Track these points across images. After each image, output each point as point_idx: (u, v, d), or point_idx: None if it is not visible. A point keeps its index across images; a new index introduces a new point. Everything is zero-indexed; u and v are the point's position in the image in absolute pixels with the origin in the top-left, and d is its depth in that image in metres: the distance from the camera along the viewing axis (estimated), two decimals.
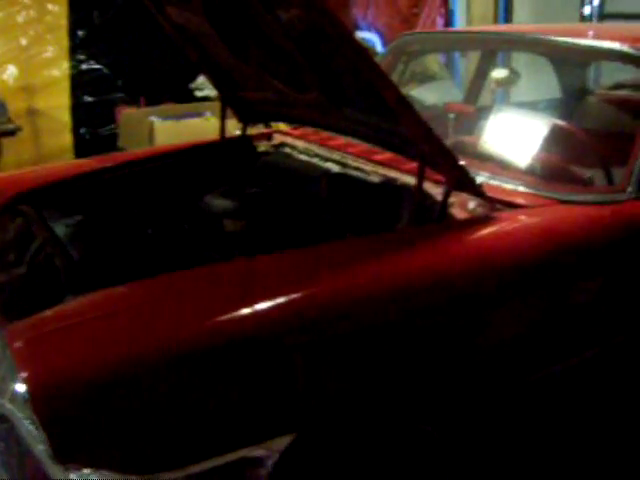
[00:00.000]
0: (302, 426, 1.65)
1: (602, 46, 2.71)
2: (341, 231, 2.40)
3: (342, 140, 2.80)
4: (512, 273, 1.97)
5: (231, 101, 2.99)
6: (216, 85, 3.00)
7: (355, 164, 2.63)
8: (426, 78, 5.89)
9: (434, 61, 6.20)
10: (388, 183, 2.46)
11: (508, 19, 7.77)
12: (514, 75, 3.29)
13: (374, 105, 2.08)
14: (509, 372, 2.02)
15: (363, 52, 1.85)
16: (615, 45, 2.64)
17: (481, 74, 3.51)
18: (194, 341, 1.57)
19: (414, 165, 2.17)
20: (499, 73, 3.23)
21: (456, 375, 1.88)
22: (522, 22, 7.67)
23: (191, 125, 5.10)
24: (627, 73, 3.37)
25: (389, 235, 2.16)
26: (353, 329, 1.71)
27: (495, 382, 2.00)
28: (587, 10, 6.85)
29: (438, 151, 2.02)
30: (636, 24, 6.40)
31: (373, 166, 2.57)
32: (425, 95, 5.56)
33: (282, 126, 3.39)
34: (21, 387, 1.47)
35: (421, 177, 2.10)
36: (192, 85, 6.28)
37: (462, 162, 2.14)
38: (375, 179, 2.51)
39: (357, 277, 1.80)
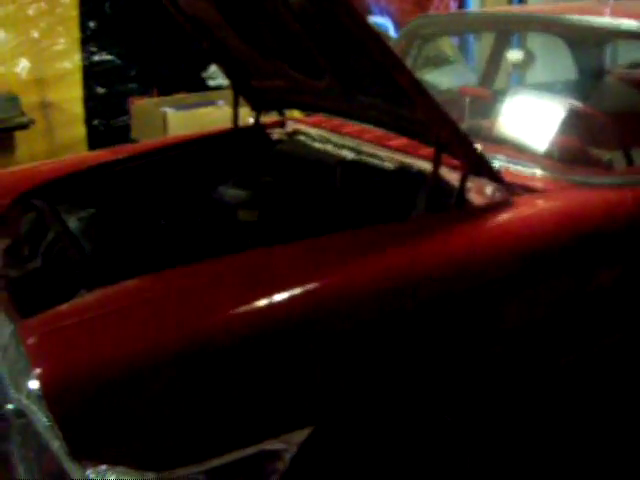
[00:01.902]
0: (320, 419, 1.63)
1: (619, 25, 2.65)
2: (356, 220, 2.38)
3: (356, 127, 2.76)
4: (531, 258, 1.94)
5: (244, 89, 2.96)
6: (228, 74, 2.97)
7: (370, 151, 2.59)
8: (440, 62, 5.82)
9: (448, 44, 6.11)
10: (404, 170, 2.42)
11: (522, 0, 7.67)
12: (529, 57, 3.24)
13: (388, 90, 2.05)
14: (532, 358, 2.00)
15: (376, 36, 1.81)
16: (633, 23, 2.59)
17: (496, 56, 3.46)
18: (210, 334, 1.55)
19: (430, 151, 2.13)
20: (514, 55, 3.18)
21: (476, 363, 1.85)
22: (536, 3, 7.58)
23: (204, 114, 5.06)
24: None
25: (406, 223, 2.13)
26: (371, 319, 1.69)
27: (518, 368, 1.98)
28: None
29: (454, 136, 1.98)
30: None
31: (388, 152, 2.53)
32: (439, 79, 5.50)
33: (296, 113, 3.35)
34: (35, 384, 1.45)
35: (437, 163, 2.06)
36: (204, 74, 6.26)
37: (479, 146, 2.10)
38: (390, 166, 2.48)
39: (374, 266, 1.77)
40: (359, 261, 1.78)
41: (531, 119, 2.57)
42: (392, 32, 7.39)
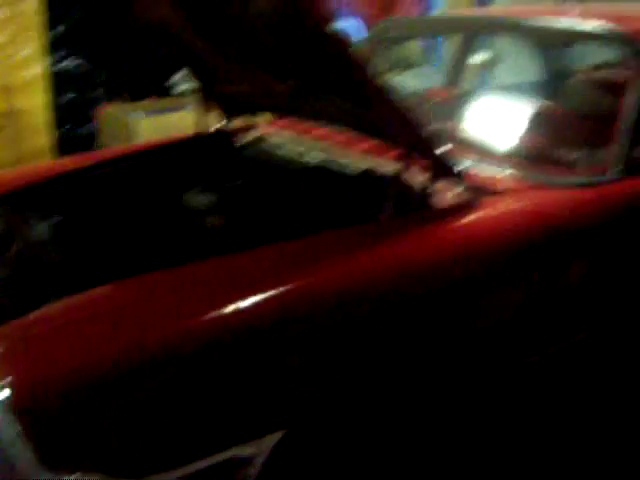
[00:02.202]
0: (292, 422, 1.63)
1: (580, 27, 2.68)
2: (323, 223, 2.39)
3: (325, 129, 2.77)
4: (497, 259, 1.96)
5: (212, 94, 2.96)
6: (197, 78, 2.97)
7: (338, 153, 2.60)
8: (408, 64, 5.87)
9: (415, 47, 6.18)
10: (371, 172, 2.44)
11: (489, 3, 7.74)
12: (494, 58, 3.28)
13: (352, 94, 2.06)
14: (502, 357, 2.02)
15: (338, 41, 1.82)
16: (596, 25, 2.62)
17: (462, 58, 3.49)
18: (180, 340, 1.55)
19: (398, 153, 2.15)
20: (479, 57, 3.22)
21: (444, 364, 1.87)
22: (502, 3, 7.66)
23: (173, 120, 5.03)
24: (609, 53, 3.35)
25: (371, 226, 2.13)
26: (338, 322, 1.70)
27: (486, 368, 1.99)
28: None
29: (418, 138, 2.00)
30: (618, 4, 6.39)
31: (357, 155, 2.55)
32: (408, 81, 5.55)
33: (265, 117, 3.35)
34: (5, 392, 1.44)
35: (402, 165, 2.08)
36: (173, 79, 6.23)
37: (444, 148, 2.12)
38: (358, 168, 2.49)
39: (339, 270, 1.78)
40: (325, 265, 1.79)
41: (497, 120, 2.61)
42: (362, 34, 7.42)
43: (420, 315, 1.82)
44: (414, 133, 2.00)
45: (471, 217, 2.03)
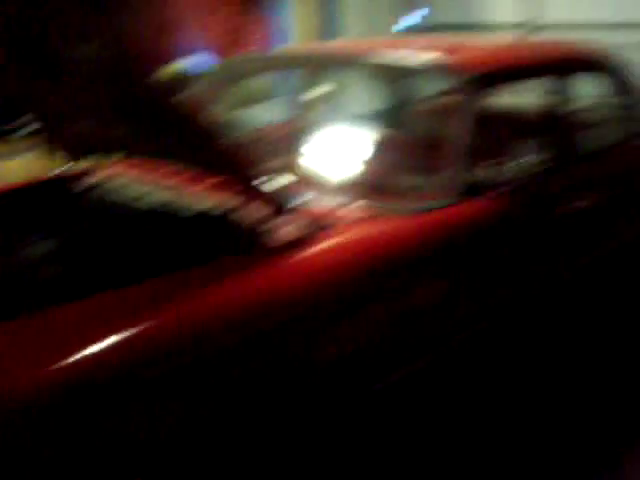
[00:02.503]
0: (144, 471, 1.60)
1: (409, 62, 2.79)
2: (163, 266, 2.36)
3: (166, 169, 2.74)
4: (336, 291, 1.99)
5: (55, 136, 2.86)
6: (38, 120, 2.86)
7: (181, 192, 2.57)
8: (258, 98, 5.93)
9: (265, 81, 6.25)
10: (210, 211, 2.43)
11: (336, 33, 7.96)
12: (334, 91, 3.36)
13: (187, 134, 2.06)
14: (349, 386, 2.05)
15: (164, 87, 1.81)
16: (423, 59, 2.74)
17: (304, 92, 3.55)
18: (22, 393, 1.49)
19: (235, 190, 2.15)
20: (320, 90, 3.29)
21: (287, 400, 1.88)
22: (350, 35, 7.90)
23: (14, 165, 4.84)
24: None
25: (211, 266, 2.11)
26: (176, 366, 1.68)
27: (337, 395, 2.02)
28: (411, 22, 7.13)
29: (250, 176, 2.02)
30: (457, 33, 6.74)
31: (199, 193, 2.53)
32: (258, 115, 5.59)
33: (109, 159, 3.28)
34: None
35: (239, 203, 2.09)
36: (15, 121, 6.00)
37: (282, 183, 2.14)
38: (199, 207, 2.47)
39: (181, 313, 1.76)
40: (166, 309, 1.76)
41: (338, 152, 2.67)
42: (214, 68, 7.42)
43: (262, 352, 1.82)
44: (248, 170, 2.01)
45: (309, 251, 2.04)
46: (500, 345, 2.70)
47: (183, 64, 7.20)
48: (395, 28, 7.08)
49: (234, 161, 1.96)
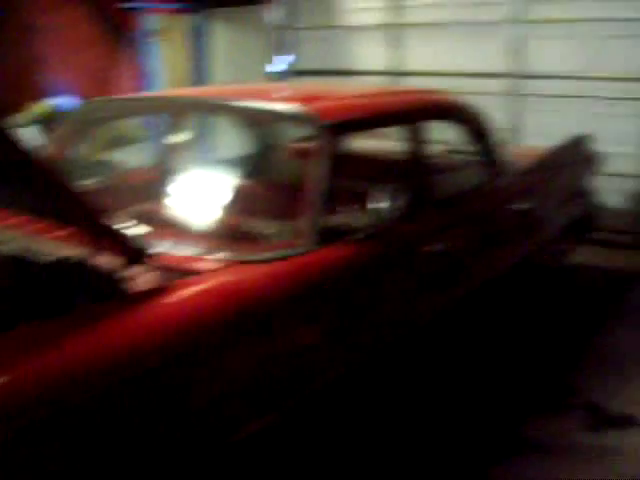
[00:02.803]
0: None
1: (268, 108, 2.81)
2: (17, 318, 2.25)
3: (19, 218, 2.63)
4: (191, 341, 1.94)
5: None
6: None
7: (31, 243, 2.47)
8: (127, 142, 5.84)
9: (133, 125, 6.16)
10: (65, 261, 2.34)
11: (205, 78, 7.97)
12: (193, 138, 3.34)
13: (34, 187, 1.98)
14: (211, 435, 2.03)
15: (8, 139, 1.73)
16: (281, 106, 2.76)
17: (166, 137, 3.52)
18: None
19: (87, 241, 2.08)
20: (178, 137, 3.26)
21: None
22: (219, 80, 7.93)
23: None
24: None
25: (65, 318, 2.04)
26: (42, 418, 1.61)
27: (197, 448, 1.97)
28: (278, 68, 7.22)
29: (102, 226, 1.95)
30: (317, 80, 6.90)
31: (51, 244, 2.44)
32: (125, 158, 5.50)
33: None
34: None
35: (88, 253, 2.02)
36: None
37: (137, 232, 2.09)
38: (52, 258, 2.38)
39: (36, 366, 1.68)
40: (20, 362, 1.67)
41: (196, 200, 2.64)
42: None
43: (118, 405, 1.76)
44: (101, 221, 1.95)
45: (163, 302, 1.99)
46: (363, 388, 2.72)
47: (51, 102, 7.02)
48: (265, 73, 7.16)
49: (87, 210, 1.89)
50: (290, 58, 7.13)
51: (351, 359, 2.53)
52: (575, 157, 4.45)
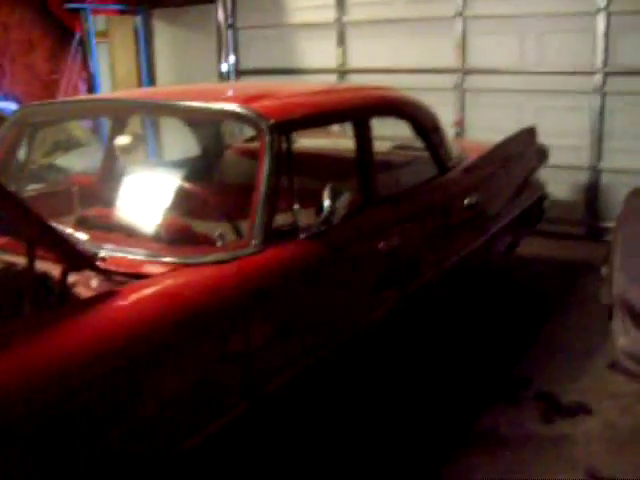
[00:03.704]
0: None
1: (210, 108, 2.78)
2: None
3: None
4: (140, 346, 1.91)
5: None
6: None
7: None
8: (71, 145, 5.74)
9: (77, 128, 6.05)
10: (9, 269, 2.28)
11: (152, 79, 7.89)
12: (138, 140, 3.29)
13: None
14: (168, 436, 2.02)
15: None
16: (222, 105, 2.74)
17: (111, 141, 3.46)
18: None
19: (27, 248, 2.03)
20: (122, 140, 3.21)
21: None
22: (166, 81, 7.85)
23: None
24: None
25: (12, 325, 1.99)
26: None
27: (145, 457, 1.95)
28: (224, 67, 7.18)
29: (44, 232, 1.91)
30: (263, 80, 6.88)
31: None
32: (71, 162, 5.41)
33: None
34: None
35: (31, 260, 1.97)
36: None
37: (79, 237, 2.05)
38: None
39: None
40: None
41: (139, 203, 2.59)
42: None
43: (75, 411, 1.74)
44: (41, 227, 1.90)
45: (108, 307, 1.95)
46: (316, 388, 2.71)
47: None
48: (216, 72, 7.11)
49: (30, 216, 1.84)
50: (232, 58, 7.09)
51: (303, 359, 2.51)
52: (522, 149, 4.50)
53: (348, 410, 3.05)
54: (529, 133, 4.67)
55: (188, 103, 2.83)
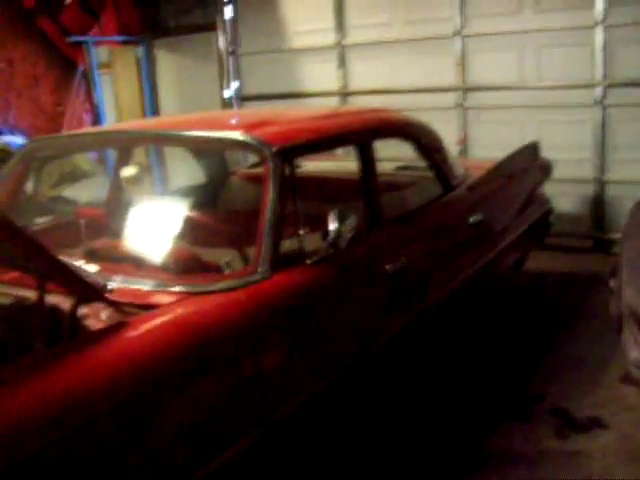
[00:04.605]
0: None
1: (214, 136, 2.81)
2: None
3: None
4: (151, 376, 1.93)
5: None
6: None
7: None
8: (77, 177, 5.79)
9: (83, 159, 6.11)
10: (20, 303, 2.30)
11: (156, 108, 7.95)
12: (143, 171, 3.32)
13: None
14: (183, 464, 2.02)
15: None
16: (226, 134, 2.76)
17: (117, 172, 3.49)
18: None
19: (37, 282, 2.05)
20: (127, 171, 3.24)
21: None
22: (169, 110, 7.91)
23: None
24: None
25: (24, 360, 2.00)
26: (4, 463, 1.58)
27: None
28: (227, 94, 7.23)
29: (53, 265, 1.93)
30: (266, 105, 6.92)
31: (4, 287, 2.40)
32: (78, 193, 5.45)
33: None
34: None
35: (41, 294, 1.99)
36: None
37: (88, 269, 2.07)
38: (6, 300, 2.34)
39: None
40: None
41: (147, 234, 2.61)
42: None
43: (90, 442, 1.75)
44: (50, 262, 1.92)
45: (121, 339, 1.97)
46: (329, 410, 2.71)
47: (3, 139, 6.95)
48: (222, 99, 7.16)
49: (38, 249, 1.86)
50: (235, 84, 7.14)
51: (314, 382, 2.52)
52: (526, 165, 4.51)
53: (360, 431, 3.04)
54: (532, 148, 4.68)
55: (192, 133, 2.86)
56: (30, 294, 2.28)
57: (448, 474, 2.90)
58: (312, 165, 3.85)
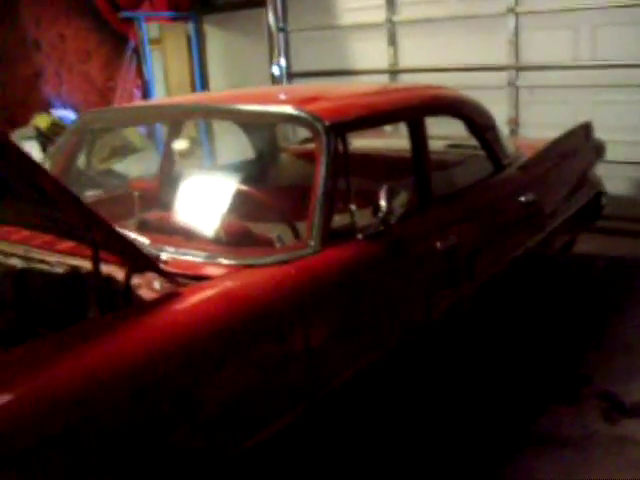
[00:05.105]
0: None
1: (268, 110, 2.81)
2: (32, 329, 2.25)
3: (25, 233, 2.63)
4: (206, 346, 1.95)
5: None
6: None
7: (39, 257, 2.47)
8: (128, 151, 5.85)
9: (134, 133, 6.17)
10: (74, 272, 2.34)
11: (205, 84, 7.99)
12: (194, 144, 3.34)
13: (37, 197, 1.98)
14: (230, 437, 2.04)
15: (13, 149, 1.73)
16: (280, 108, 2.76)
17: (168, 145, 3.52)
18: None
19: (91, 252, 2.08)
20: (179, 144, 3.26)
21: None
22: (218, 86, 7.94)
23: None
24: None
25: (78, 327, 2.04)
26: (51, 433, 1.61)
27: (216, 450, 1.99)
28: (276, 71, 7.23)
29: (109, 235, 1.95)
30: (315, 82, 6.90)
31: (58, 256, 2.44)
32: (129, 168, 5.52)
33: None
34: None
35: (97, 263, 2.02)
36: None
37: (141, 240, 2.09)
38: (61, 270, 2.38)
39: (53, 376, 1.68)
40: (31, 375, 1.67)
41: (198, 206, 2.63)
42: None
43: (141, 411, 1.78)
44: (105, 230, 1.94)
45: (174, 308, 1.99)
46: (378, 386, 2.71)
47: (54, 115, 7.05)
48: (269, 75, 7.17)
49: (94, 220, 1.89)
50: (283, 61, 7.13)
51: (365, 357, 2.52)
52: (578, 146, 4.43)
53: (408, 410, 3.04)
54: (585, 129, 4.60)
55: (245, 106, 2.87)
56: (84, 263, 2.33)
57: (495, 455, 2.89)
58: (362, 143, 3.83)
